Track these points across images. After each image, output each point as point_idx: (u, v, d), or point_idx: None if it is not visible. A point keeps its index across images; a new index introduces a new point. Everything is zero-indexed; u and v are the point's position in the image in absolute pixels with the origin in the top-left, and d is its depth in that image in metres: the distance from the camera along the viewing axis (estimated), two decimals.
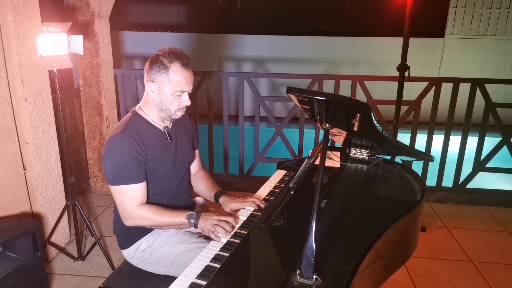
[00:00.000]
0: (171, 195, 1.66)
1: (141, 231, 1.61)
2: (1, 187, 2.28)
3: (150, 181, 1.57)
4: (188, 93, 1.53)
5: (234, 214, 1.59)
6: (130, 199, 1.50)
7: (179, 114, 1.56)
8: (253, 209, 1.63)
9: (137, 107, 1.61)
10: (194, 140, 1.81)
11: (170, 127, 1.63)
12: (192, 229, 1.56)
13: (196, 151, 1.85)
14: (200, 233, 1.65)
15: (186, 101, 1.53)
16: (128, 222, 1.53)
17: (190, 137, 1.78)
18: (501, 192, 3.65)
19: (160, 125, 1.60)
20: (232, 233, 1.43)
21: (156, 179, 1.59)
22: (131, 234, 1.62)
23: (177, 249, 1.57)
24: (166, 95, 1.50)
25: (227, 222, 1.45)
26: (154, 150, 1.56)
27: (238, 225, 1.48)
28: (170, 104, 1.52)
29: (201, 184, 1.84)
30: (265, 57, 6.06)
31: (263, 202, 1.68)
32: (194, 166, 1.85)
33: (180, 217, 1.50)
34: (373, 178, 1.92)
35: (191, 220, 1.48)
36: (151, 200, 1.59)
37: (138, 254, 1.62)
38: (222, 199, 1.73)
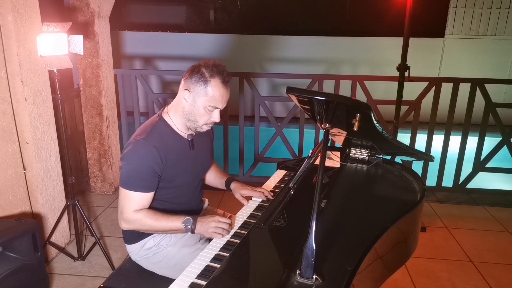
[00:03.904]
0: (185, 200, 1.67)
1: None
2: (1, 187, 2.28)
3: (166, 188, 1.57)
4: (220, 110, 1.52)
5: (231, 217, 1.60)
6: (132, 204, 1.49)
7: (205, 128, 1.56)
8: (254, 207, 1.65)
9: (164, 110, 1.60)
10: (212, 146, 1.83)
11: (194, 135, 1.63)
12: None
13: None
14: (204, 238, 1.66)
15: (216, 117, 1.51)
16: (123, 225, 1.52)
17: (210, 144, 1.79)
18: (501, 192, 3.65)
19: (184, 133, 1.59)
20: (231, 233, 1.45)
21: (173, 187, 1.59)
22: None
23: (182, 253, 1.57)
24: (198, 107, 1.48)
25: (226, 223, 1.45)
26: (175, 160, 1.55)
27: (235, 228, 1.49)
28: (199, 117, 1.50)
29: (210, 173, 1.87)
30: (265, 57, 6.06)
31: (272, 194, 1.74)
32: None
33: (176, 222, 1.48)
34: (373, 178, 1.92)
35: (188, 226, 1.47)
36: (162, 204, 1.59)
37: (142, 252, 1.62)
38: (233, 185, 1.79)
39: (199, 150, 1.67)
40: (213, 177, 1.87)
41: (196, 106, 1.48)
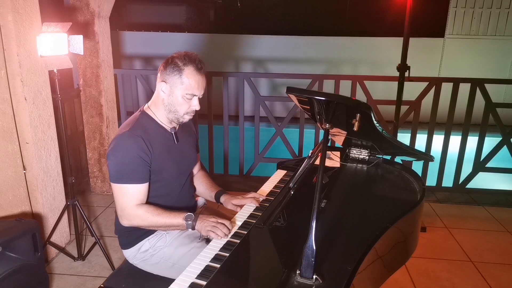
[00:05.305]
0: (175, 198, 1.67)
1: (143, 232, 1.61)
2: (1, 187, 2.28)
3: (155, 182, 1.57)
4: (199, 98, 1.54)
5: (231, 217, 1.59)
6: (130, 198, 1.50)
7: (187, 118, 1.57)
8: (254, 207, 1.64)
9: (145, 106, 1.62)
10: (197, 143, 1.83)
11: (177, 128, 1.64)
12: (195, 232, 1.56)
13: (198, 154, 1.85)
14: (203, 236, 1.65)
15: (195, 105, 1.54)
16: (125, 222, 1.53)
17: (194, 139, 1.80)
18: (501, 192, 3.65)
19: (167, 126, 1.61)
20: (230, 235, 1.43)
21: (161, 180, 1.59)
22: (134, 235, 1.62)
23: (178, 252, 1.57)
24: (176, 97, 1.51)
25: (224, 225, 1.45)
26: (161, 151, 1.56)
27: (234, 229, 1.48)
28: (179, 107, 1.53)
29: (201, 185, 1.86)
30: (265, 57, 6.06)
31: (263, 195, 1.73)
32: (195, 168, 1.86)
33: (177, 218, 1.50)
34: (373, 178, 1.92)
35: (189, 222, 1.49)
36: (155, 202, 1.59)
37: (139, 255, 1.62)
38: (223, 198, 1.77)
39: (184, 144, 1.69)
40: (203, 189, 1.86)
41: (174, 96, 1.51)
